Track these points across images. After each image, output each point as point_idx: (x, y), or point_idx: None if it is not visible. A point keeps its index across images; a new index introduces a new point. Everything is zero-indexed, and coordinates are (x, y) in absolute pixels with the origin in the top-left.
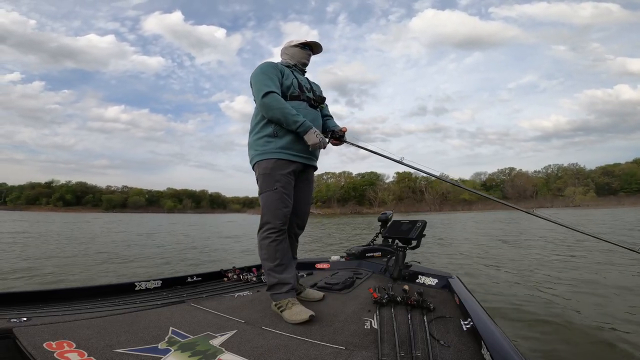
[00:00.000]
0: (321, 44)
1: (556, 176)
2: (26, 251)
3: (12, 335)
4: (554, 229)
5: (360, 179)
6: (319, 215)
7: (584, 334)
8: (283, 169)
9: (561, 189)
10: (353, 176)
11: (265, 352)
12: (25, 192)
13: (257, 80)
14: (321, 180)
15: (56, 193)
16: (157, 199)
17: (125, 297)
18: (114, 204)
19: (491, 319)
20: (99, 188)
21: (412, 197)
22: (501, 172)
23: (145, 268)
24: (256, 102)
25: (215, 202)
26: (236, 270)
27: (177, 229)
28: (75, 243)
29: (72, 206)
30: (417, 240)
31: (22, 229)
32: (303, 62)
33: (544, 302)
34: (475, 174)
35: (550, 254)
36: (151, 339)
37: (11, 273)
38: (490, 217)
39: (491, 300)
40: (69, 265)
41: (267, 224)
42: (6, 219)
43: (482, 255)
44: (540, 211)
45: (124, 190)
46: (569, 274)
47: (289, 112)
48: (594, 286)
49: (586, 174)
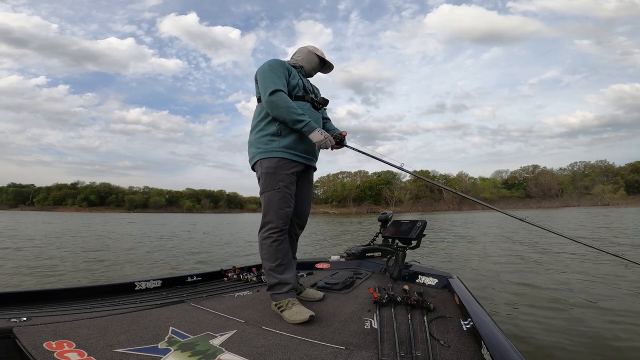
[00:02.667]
0: (334, 66)
1: (583, 174)
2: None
3: (12, 335)
4: (579, 228)
5: (377, 177)
6: (334, 214)
7: (586, 334)
8: (286, 168)
9: (588, 187)
10: (369, 175)
11: (265, 352)
12: (52, 193)
13: (264, 77)
14: (337, 179)
15: (81, 194)
16: (176, 199)
17: (125, 297)
18: (136, 204)
19: (491, 319)
20: (122, 189)
21: (430, 196)
22: (524, 169)
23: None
24: (262, 98)
25: (232, 202)
26: (236, 270)
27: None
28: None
29: (96, 206)
30: (417, 240)
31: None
32: (312, 72)
33: (549, 302)
34: (496, 171)
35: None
36: (151, 338)
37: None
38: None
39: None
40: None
41: (268, 223)
42: (94, 222)
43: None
44: (567, 210)
45: (145, 191)
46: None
47: (295, 112)
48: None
49: (615, 171)
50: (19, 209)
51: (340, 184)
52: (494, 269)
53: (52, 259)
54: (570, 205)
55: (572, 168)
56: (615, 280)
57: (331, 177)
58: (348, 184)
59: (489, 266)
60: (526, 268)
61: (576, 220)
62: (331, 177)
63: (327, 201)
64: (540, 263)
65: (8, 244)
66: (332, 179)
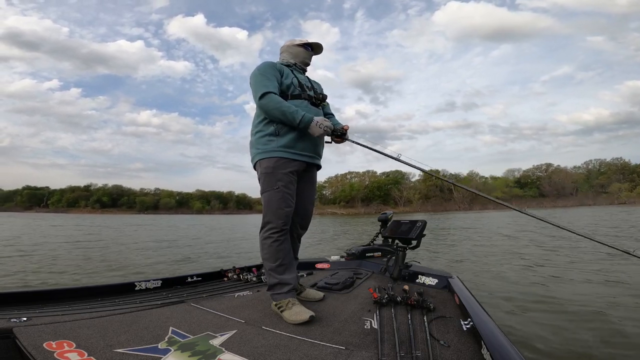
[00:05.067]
0: (322, 45)
1: (598, 172)
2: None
3: (12, 335)
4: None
5: (385, 177)
6: (342, 215)
7: (586, 334)
8: (285, 167)
9: (604, 186)
10: (377, 175)
11: (265, 352)
12: (66, 195)
13: (255, 81)
14: (345, 180)
15: (94, 196)
16: (186, 200)
17: (125, 297)
18: (147, 205)
19: (491, 319)
20: (134, 190)
21: (440, 196)
22: (537, 168)
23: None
24: (255, 102)
25: (241, 203)
26: (236, 270)
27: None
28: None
29: (108, 208)
30: (417, 240)
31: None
32: (305, 62)
33: (551, 301)
34: (507, 170)
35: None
36: (151, 338)
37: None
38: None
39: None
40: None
41: (268, 223)
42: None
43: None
44: (581, 209)
45: (156, 193)
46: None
47: (287, 110)
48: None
49: (632, 168)
50: (34, 210)
51: (348, 184)
52: (498, 268)
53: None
54: (586, 204)
55: (587, 166)
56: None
57: (339, 177)
58: (356, 184)
59: (493, 266)
60: (534, 268)
61: (597, 219)
62: (339, 178)
63: (335, 202)
64: (545, 263)
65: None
66: (340, 179)
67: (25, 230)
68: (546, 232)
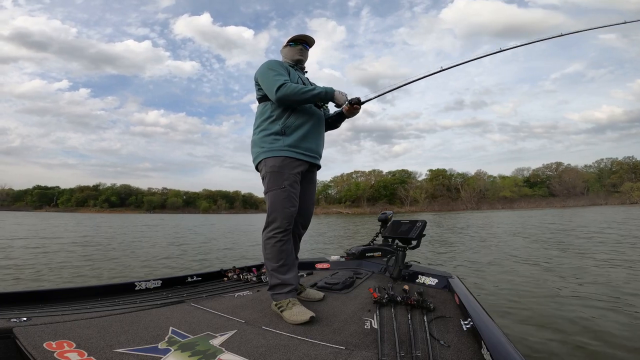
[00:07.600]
0: (312, 36)
1: (610, 171)
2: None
3: (12, 335)
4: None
5: (391, 177)
6: (348, 214)
7: (587, 334)
8: (291, 167)
9: (616, 185)
10: (383, 174)
11: (265, 352)
12: (75, 194)
13: (266, 76)
14: (351, 179)
15: (102, 195)
16: (193, 199)
17: (125, 297)
18: (154, 205)
19: (491, 319)
20: (141, 190)
21: (447, 195)
22: (547, 167)
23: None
24: (271, 98)
25: (247, 203)
26: (236, 270)
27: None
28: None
29: (117, 207)
30: (417, 240)
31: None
32: (296, 59)
33: (553, 302)
34: (516, 169)
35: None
36: (151, 338)
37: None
38: (539, 215)
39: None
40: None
41: (273, 223)
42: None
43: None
44: (593, 209)
45: (164, 192)
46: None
47: (310, 91)
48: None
49: None
50: (44, 210)
51: (354, 183)
52: (498, 268)
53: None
54: (597, 204)
55: (598, 165)
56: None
57: (345, 176)
58: (362, 184)
59: (493, 266)
60: (534, 267)
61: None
62: (345, 177)
63: (340, 201)
64: (547, 262)
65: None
66: (346, 178)
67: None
68: (552, 229)
